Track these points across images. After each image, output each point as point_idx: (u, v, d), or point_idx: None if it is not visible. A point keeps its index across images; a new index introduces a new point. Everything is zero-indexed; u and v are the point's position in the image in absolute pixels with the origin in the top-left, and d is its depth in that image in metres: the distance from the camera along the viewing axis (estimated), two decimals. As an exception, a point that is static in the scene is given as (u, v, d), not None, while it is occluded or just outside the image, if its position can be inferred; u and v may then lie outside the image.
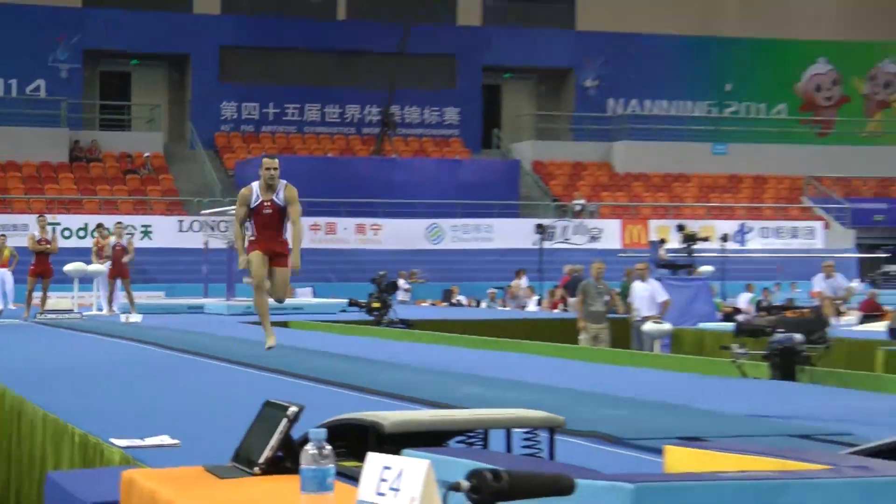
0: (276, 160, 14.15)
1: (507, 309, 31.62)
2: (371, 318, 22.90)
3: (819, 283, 24.16)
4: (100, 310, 25.59)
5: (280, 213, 13.79)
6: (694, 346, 20.71)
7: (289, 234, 14.05)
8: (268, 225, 13.78)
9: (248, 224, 13.97)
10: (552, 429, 5.65)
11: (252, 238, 13.87)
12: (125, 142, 43.59)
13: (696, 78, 50.02)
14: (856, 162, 47.37)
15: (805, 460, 4.30)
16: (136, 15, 44.00)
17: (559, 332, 21.48)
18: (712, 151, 47.71)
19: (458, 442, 5.66)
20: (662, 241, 28.82)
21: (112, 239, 25.34)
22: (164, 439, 6.72)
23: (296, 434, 4.36)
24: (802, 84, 51.72)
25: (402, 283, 32.53)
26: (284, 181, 13.82)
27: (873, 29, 50.91)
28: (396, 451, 4.27)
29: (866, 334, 19.08)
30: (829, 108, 52.02)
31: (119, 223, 26.69)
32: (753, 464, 4.34)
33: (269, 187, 13.72)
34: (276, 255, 13.80)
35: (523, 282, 33.87)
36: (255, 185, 13.86)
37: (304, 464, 3.51)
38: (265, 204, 13.73)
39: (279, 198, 13.75)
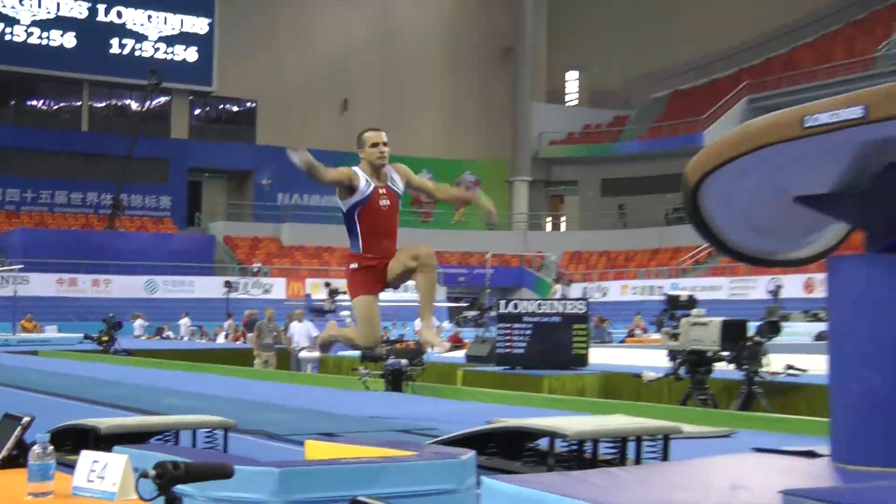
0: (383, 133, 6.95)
1: (202, 341, 30.84)
2: (101, 348, 22.05)
3: (418, 323, 24.55)
4: None
5: (397, 207, 7.07)
6: (335, 368, 20.64)
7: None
8: (383, 229, 7.08)
9: (354, 229, 7.04)
10: (226, 429, 5.54)
11: (357, 255, 7.11)
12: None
13: (340, 181, 50.68)
14: (447, 241, 48.69)
15: (401, 448, 4.35)
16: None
17: (240, 358, 21.15)
18: (350, 232, 48.18)
19: (157, 440, 5.48)
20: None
21: None
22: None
23: (31, 437, 4.11)
24: (412, 187, 53.00)
25: (139, 322, 31.66)
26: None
27: (458, 151, 53.04)
28: (110, 448, 4.10)
29: (451, 359, 19.48)
30: (429, 203, 53.41)
31: None
32: (367, 452, 4.36)
33: (378, 173, 6.92)
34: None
35: (187, 321, 33.03)
36: (357, 169, 6.88)
37: (31, 460, 3.33)
38: (380, 192, 6.92)
39: (396, 184, 7.02)
